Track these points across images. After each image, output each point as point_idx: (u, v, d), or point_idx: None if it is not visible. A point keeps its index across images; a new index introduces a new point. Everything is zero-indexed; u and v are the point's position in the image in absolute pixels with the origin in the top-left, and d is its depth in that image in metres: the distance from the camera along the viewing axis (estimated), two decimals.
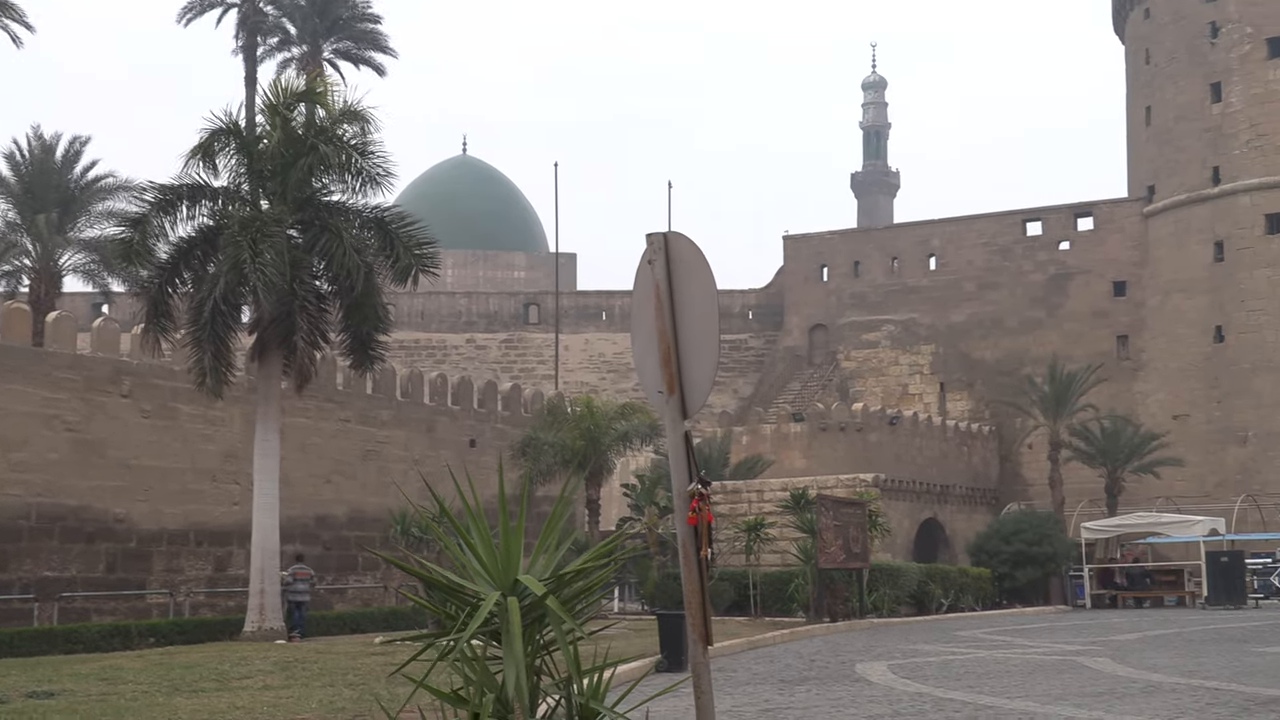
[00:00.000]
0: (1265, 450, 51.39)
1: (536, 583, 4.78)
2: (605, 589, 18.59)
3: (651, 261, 5.89)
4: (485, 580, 4.86)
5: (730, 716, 14.89)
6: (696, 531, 5.70)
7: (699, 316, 5.81)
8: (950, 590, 38.00)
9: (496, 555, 4.86)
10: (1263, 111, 53.26)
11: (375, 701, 11.84)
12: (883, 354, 63.43)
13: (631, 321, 6.09)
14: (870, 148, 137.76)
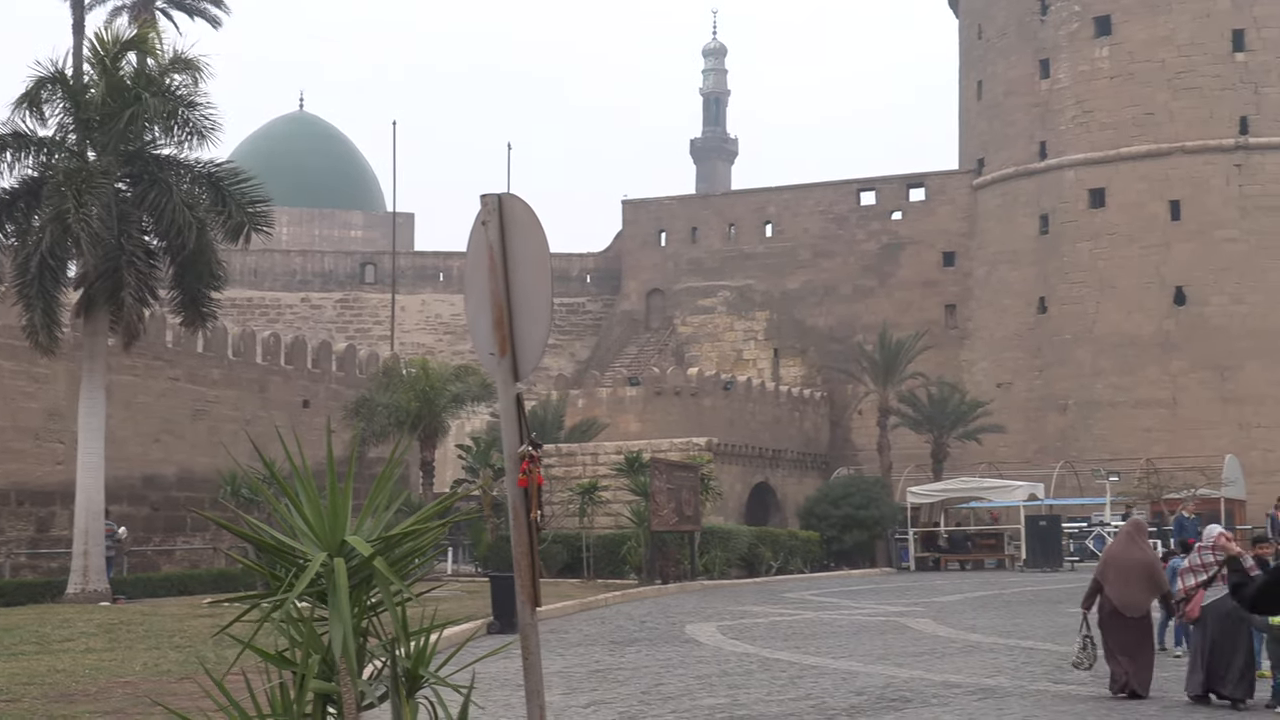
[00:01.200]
0: (1083, 418, 53.21)
1: (363, 543, 4.75)
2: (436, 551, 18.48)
3: (485, 223, 5.86)
4: (312, 541, 4.82)
5: (561, 678, 14.97)
6: (527, 494, 5.71)
7: (532, 279, 5.80)
8: (780, 553, 38.66)
9: (324, 516, 4.82)
10: (1089, 89, 54.87)
11: (200, 664, 11.62)
12: (718, 319, 64.06)
13: (465, 283, 6.06)
14: (710, 114, 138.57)
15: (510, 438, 5.75)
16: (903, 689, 13.85)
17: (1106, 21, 54.62)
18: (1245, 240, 51.69)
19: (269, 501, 5.13)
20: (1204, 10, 52.76)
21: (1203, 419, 50.92)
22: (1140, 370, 52.22)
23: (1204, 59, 52.73)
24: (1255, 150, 52.03)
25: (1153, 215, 52.83)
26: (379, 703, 4.88)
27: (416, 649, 5.01)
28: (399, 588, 4.85)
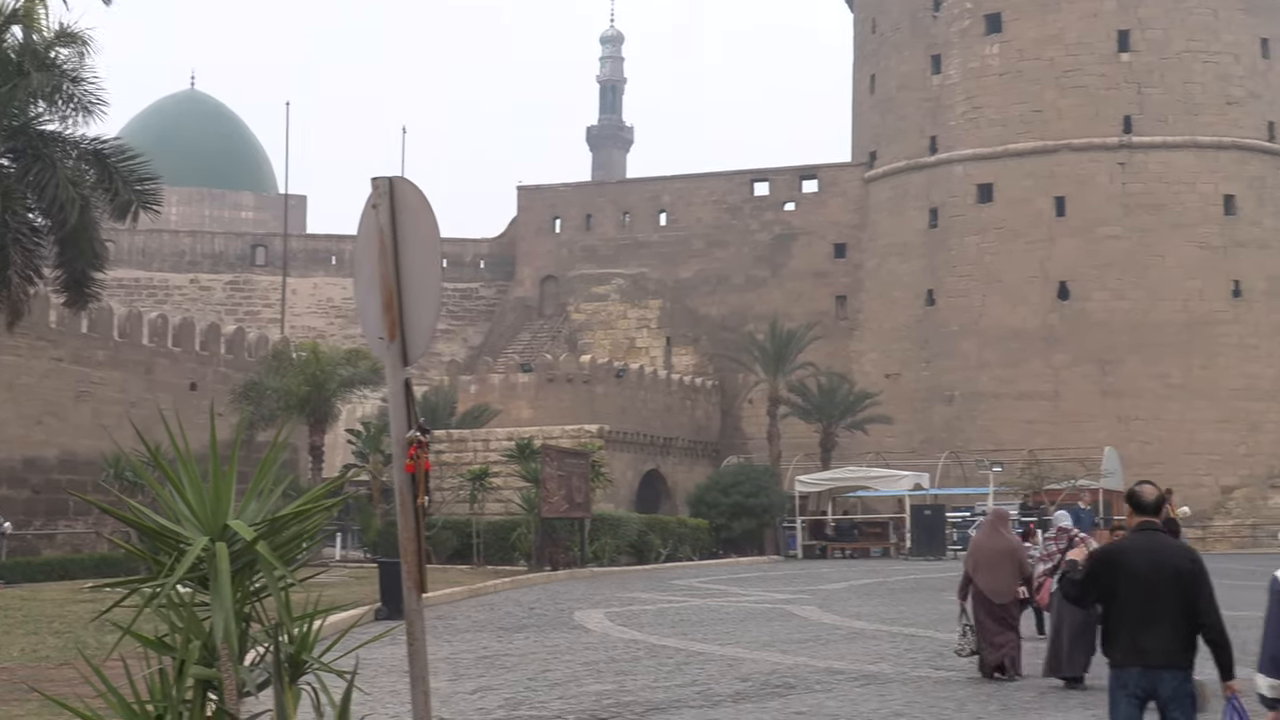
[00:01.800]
0: (969, 409, 54.09)
1: (245, 528, 4.71)
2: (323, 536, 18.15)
3: (376, 206, 5.83)
4: (194, 525, 4.77)
5: (448, 664, 14.95)
6: (414, 479, 5.70)
7: (422, 263, 5.78)
8: (669, 540, 38.86)
9: (205, 500, 4.77)
10: (978, 85, 55.69)
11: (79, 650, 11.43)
12: (612, 307, 64.11)
13: (354, 266, 6.03)
14: (606, 102, 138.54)
15: (398, 423, 5.73)
16: (787, 675, 14.03)
17: (997, 19, 55.46)
18: (1127, 237, 52.85)
19: (152, 485, 5.07)
20: (1091, 10, 53.82)
21: (1083, 411, 52.01)
22: (1024, 363, 53.22)
23: (1091, 58, 53.80)
24: (1138, 149, 53.20)
25: (1038, 211, 53.83)
26: (258, 690, 4.85)
27: (300, 635, 4.98)
28: (282, 573, 4.82)
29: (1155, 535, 7.23)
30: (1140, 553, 7.12)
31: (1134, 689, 7.01)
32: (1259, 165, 54.18)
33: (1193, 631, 6.98)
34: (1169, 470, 47.94)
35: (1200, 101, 53.47)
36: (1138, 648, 7.02)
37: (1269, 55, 55.08)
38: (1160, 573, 7.02)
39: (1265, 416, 52.50)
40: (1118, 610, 7.12)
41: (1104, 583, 7.17)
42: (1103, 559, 7.35)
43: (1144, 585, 7.02)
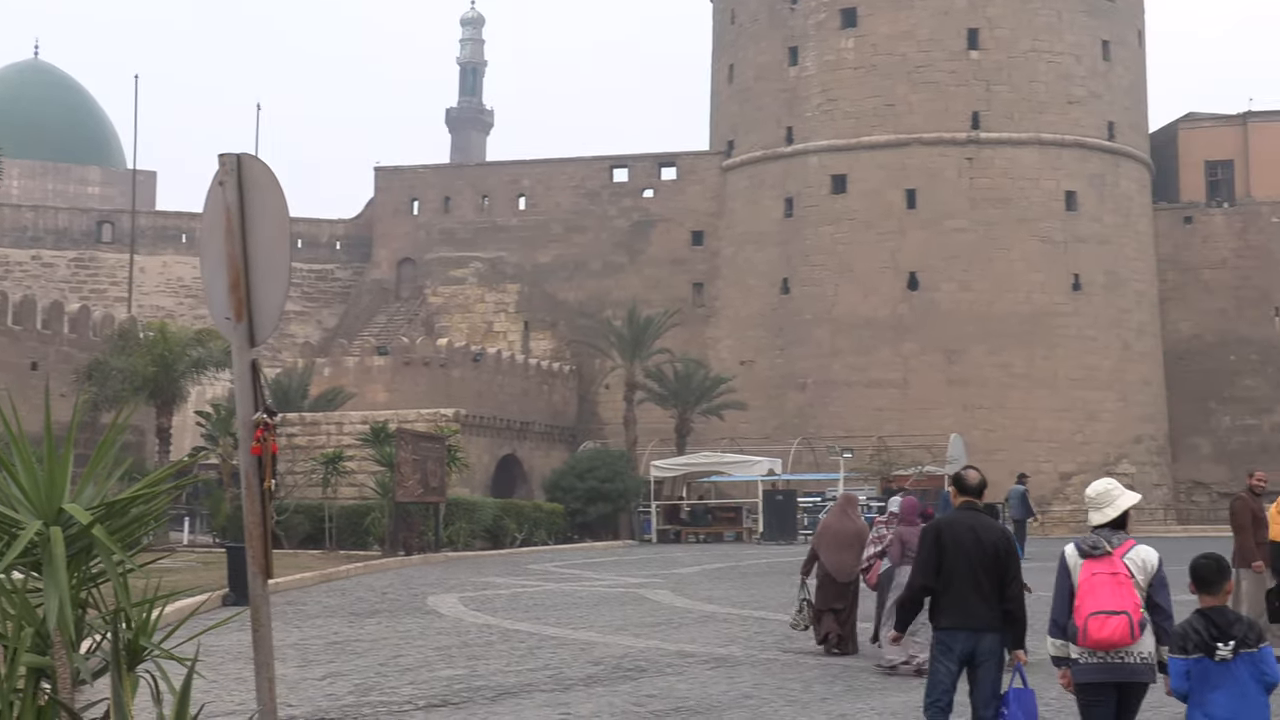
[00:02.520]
0: (821, 396, 54.89)
1: (81, 511, 4.60)
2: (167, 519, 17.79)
3: (223, 183, 5.74)
4: (27, 509, 4.64)
5: (297, 650, 14.77)
6: (261, 462, 5.62)
7: (270, 242, 5.70)
8: (525, 525, 38.82)
9: (40, 483, 4.65)
10: (834, 78, 56.44)
11: None
12: (470, 291, 63.75)
13: (200, 244, 5.93)
14: (466, 84, 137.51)
15: (245, 405, 5.65)
16: (639, 659, 14.13)
17: (853, 14, 56.25)
18: (974, 230, 54.07)
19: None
20: (943, 8, 54.88)
21: (930, 399, 53.14)
22: (874, 351, 54.17)
23: (941, 55, 54.88)
24: (985, 145, 54.45)
25: (890, 203, 54.80)
26: (94, 679, 4.74)
27: (140, 621, 4.88)
28: (120, 557, 4.72)
29: (977, 514, 8.17)
30: (965, 528, 8.00)
31: (959, 651, 7.88)
32: (1099, 163, 55.82)
33: (1005, 595, 7.89)
34: (1010, 457, 49.28)
35: (1044, 100, 54.91)
36: (965, 612, 7.87)
37: (1109, 57, 56.75)
38: (982, 547, 7.91)
39: (1102, 406, 54.17)
40: (945, 579, 7.92)
41: (937, 555, 7.97)
42: (934, 533, 8.09)
43: (969, 557, 7.87)
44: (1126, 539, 7.25)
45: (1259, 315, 58.72)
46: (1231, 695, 6.26)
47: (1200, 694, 6.33)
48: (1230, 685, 6.27)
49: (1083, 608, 6.92)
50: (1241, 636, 6.34)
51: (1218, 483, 58.16)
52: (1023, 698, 7.72)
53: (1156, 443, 56.45)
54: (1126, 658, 6.88)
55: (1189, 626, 6.48)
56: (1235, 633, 6.35)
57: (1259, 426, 58.20)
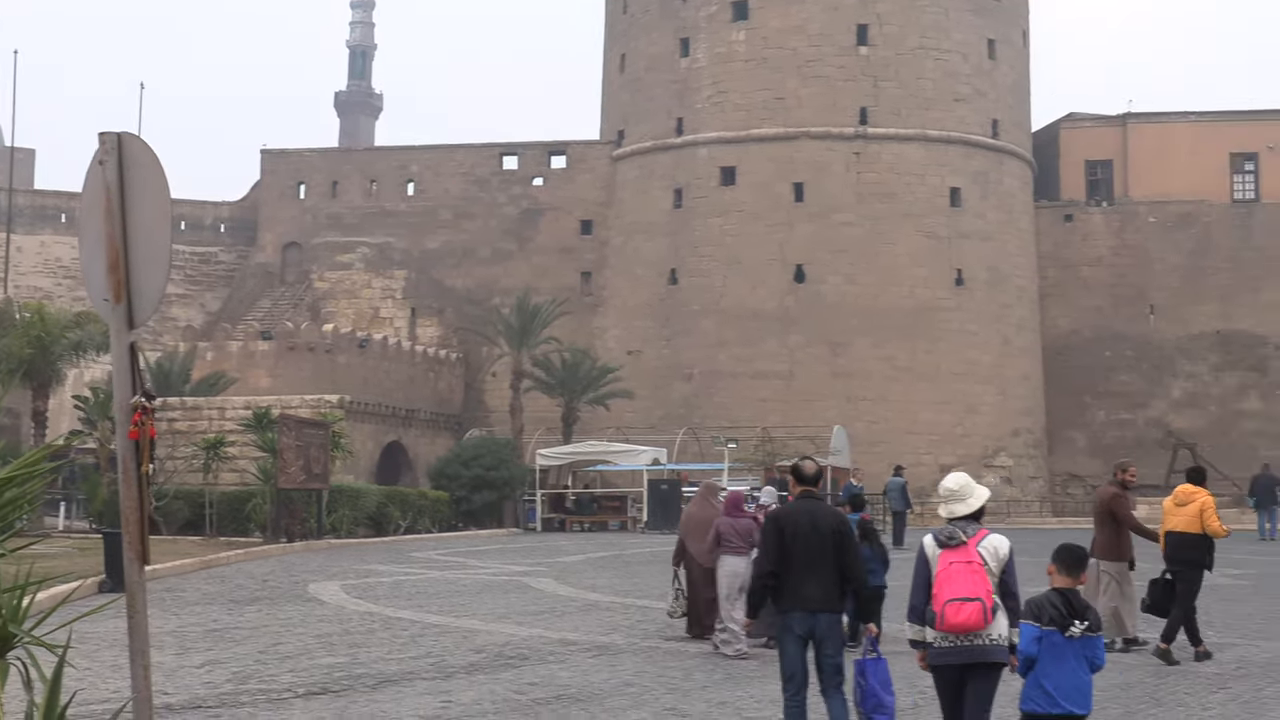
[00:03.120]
0: (707, 387, 55.24)
1: None
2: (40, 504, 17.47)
3: (103, 162, 5.66)
4: None
5: (175, 637, 14.57)
6: (138, 446, 5.56)
7: (150, 223, 5.64)
8: (409, 513, 38.58)
9: None
10: (725, 70, 56.75)
11: None
12: (356, 276, 63.14)
13: (79, 224, 5.84)
14: (356, 67, 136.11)
15: (122, 388, 5.58)
16: (521, 647, 14.16)
17: (744, 7, 56.58)
18: (860, 225, 54.73)
19: None
20: (833, 4, 55.43)
21: (815, 391, 53.72)
22: (761, 343, 54.62)
23: (831, 50, 55.43)
24: (873, 140, 55.12)
25: (778, 196, 55.24)
26: None
27: (10, 607, 4.80)
28: None
29: (815, 502, 8.82)
30: (803, 515, 8.60)
31: (799, 630, 8.47)
32: (983, 160, 56.81)
33: (843, 581, 8.54)
34: (891, 449, 50.06)
35: (931, 97, 55.71)
36: (801, 595, 8.46)
37: (994, 56, 57.76)
38: (819, 532, 8.51)
39: (982, 399, 55.19)
40: (785, 565, 8.50)
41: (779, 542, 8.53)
42: (775, 522, 8.70)
43: (806, 542, 8.47)
44: (980, 529, 7.81)
45: (1134, 313, 60.22)
46: (1071, 670, 6.93)
47: (1045, 665, 6.93)
48: (1071, 661, 6.92)
49: (940, 595, 7.46)
50: (1092, 621, 7.03)
51: (1092, 476, 59.47)
52: (876, 667, 8.37)
53: (1034, 436, 57.65)
54: (979, 640, 7.35)
55: (1047, 600, 7.04)
56: (1088, 616, 7.02)
57: (1133, 421, 59.69)
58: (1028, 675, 7.03)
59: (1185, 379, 59.98)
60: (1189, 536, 13.95)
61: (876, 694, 8.35)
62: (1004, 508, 53.51)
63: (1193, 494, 14.15)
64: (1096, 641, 7.07)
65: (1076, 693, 6.93)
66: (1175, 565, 13.97)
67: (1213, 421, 59.24)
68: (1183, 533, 14.01)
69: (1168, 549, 14.12)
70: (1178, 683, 12.32)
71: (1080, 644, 6.97)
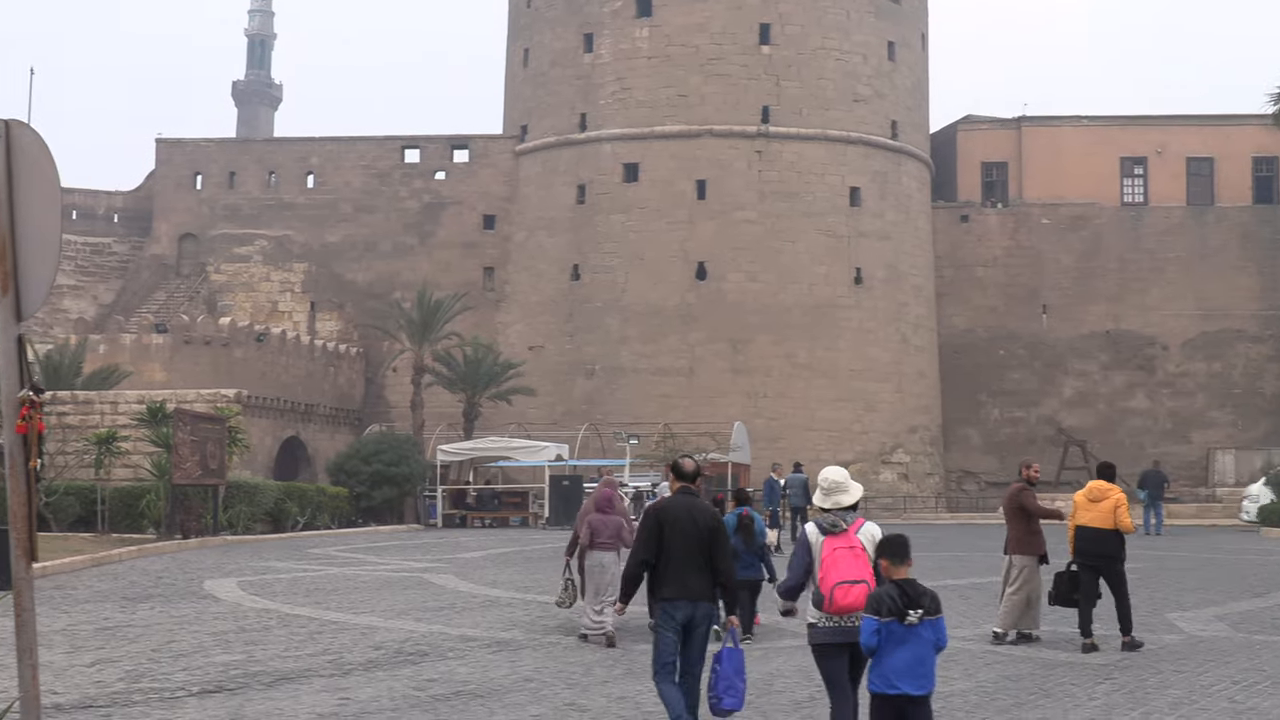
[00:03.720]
0: (609, 383, 55.31)
1: None
2: None
3: None
4: None
5: (65, 636, 14.32)
6: (26, 441, 5.47)
7: (40, 212, 5.54)
8: (307, 508, 38.23)
9: None
10: (628, 66, 56.82)
11: None
12: (254, 269, 62.33)
13: None
14: (255, 57, 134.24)
15: (10, 382, 5.48)
16: (421, 643, 14.11)
17: (648, 3, 56.66)
18: (761, 223, 55.10)
19: None
20: (736, 3, 55.70)
21: (716, 387, 54.02)
22: (662, 339, 54.80)
23: (734, 48, 55.73)
24: (775, 139, 55.50)
25: (681, 193, 55.44)
26: None
27: None
28: None
29: (692, 498, 9.32)
30: (682, 509, 9.10)
31: (680, 618, 8.97)
32: (882, 161, 57.45)
33: (717, 570, 9.07)
34: (791, 445, 50.50)
35: (831, 97, 56.22)
36: (684, 585, 8.96)
37: (894, 58, 58.43)
38: (697, 527, 9.03)
39: (879, 397, 55.84)
40: (665, 556, 9.00)
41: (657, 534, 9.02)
42: (654, 515, 9.17)
43: (685, 536, 8.99)
44: (858, 517, 8.44)
45: (1028, 312, 61.31)
46: (913, 652, 7.48)
47: (886, 650, 7.49)
48: (914, 644, 7.47)
49: (828, 578, 8.10)
50: (928, 606, 7.52)
51: (986, 472, 60.59)
52: (733, 656, 8.80)
53: (930, 433, 58.45)
54: (860, 620, 7.81)
55: (885, 594, 7.57)
56: (924, 603, 7.51)
57: (1026, 419, 60.79)
58: (870, 661, 7.62)
59: (1076, 377, 61.20)
60: (1103, 532, 14.35)
61: (729, 678, 8.76)
62: (900, 503, 54.26)
63: (1106, 490, 14.52)
64: (938, 624, 7.58)
65: (913, 674, 7.47)
66: (1090, 559, 14.36)
67: (1101, 419, 60.53)
68: (1097, 528, 14.38)
69: (1080, 543, 14.51)
70: (1065, 674, 12.59)
71: (925, 627, 7.50)
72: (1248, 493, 42.62)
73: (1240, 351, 61.13)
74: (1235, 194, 61.87)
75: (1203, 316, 61.08)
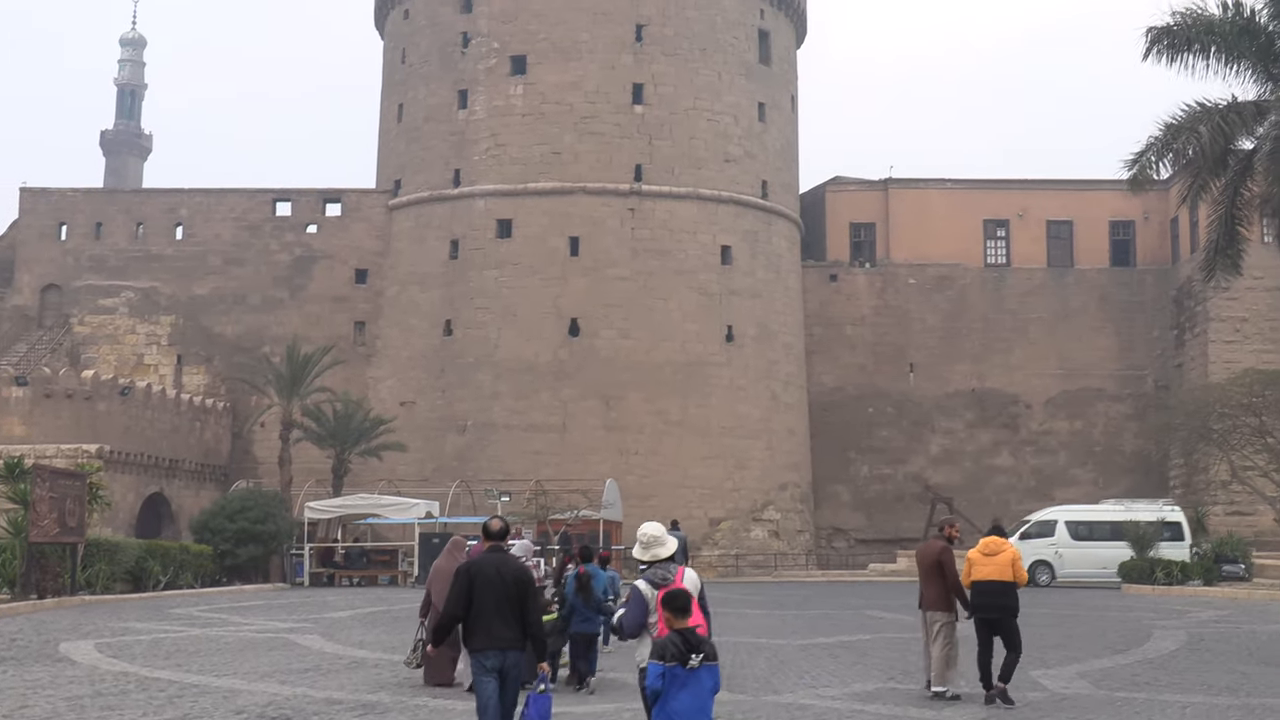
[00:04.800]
0: (480, 439, 55.11)
1: None
2: None
3: None
4: None
5: None
6: None
7: None
8: (170, 567, 37.46)
9: None
10: (502, 123, 57.07)
11: None
12: (120, 321, 61.16)
13: None
14: (124, 107, 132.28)
15: None
16: (285, 706, 13.96)
17: (522, 61, 57.08)
18: (634, 279, 55.51)
19: None
20: (610, 62, 56.39)
21: (588, 444, 54.12)
22: (535, 395, 54.80)
23: (607, 107, 56.31)
24: (647, 197, 56.06)
25: (554, 249, 55.66)
26: None
27: None
28: None
29: (502, 555, 10.15)
30: (490, 566, 9.98)
31: (491, 666, 9.77)
32: (753, 220, 58.32)
33: (524, 624, 9.91)
34: (663, 503, 50.75)
35: (703, 157, 57.04)
36: (492, 635, 9.80)
37: (764, 119, 59.49)
38: (505, 581, 9.90)
39: (750, 454, 56.37)
40: (477, 609, 9.86)
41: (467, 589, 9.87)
42: (465, 571, 10.02)
43: (494, 590, 9.85)
44: (679, 567, 9.52)
45: (895, 371, 62.51)
46: (693, 695, 8.39)
47: (670, 694, 8.36)
48: (694, 687, 8.39)
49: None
50: (708, 652, 8.45)
51: (856, 529, 61.46)
52: (540, 702, 9.53)
53: (801, 490, 59.10)
54: None
55: (669, 642, 8.50)
56: (704, 649, 8.44)
57: (894, 476, 61.83)
58: (655, 704, 8.50)
59: (943, 435, 62.45)
60: (1001, 584, 14.93)
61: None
62: (771, 561, 54.72)
63: (1001, 545, 15.12)
64: (714, 670, 8.52)
65: (694, 714, 8.38)
66: (989, 612, 14.86)
67: (967, 476, 61.80)
68: (995, 581, 14.93)
69: (978, 597, 14.96)
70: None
71: (704, 672, 8.42)
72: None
73: (1100, 410, 62.89)
74: (1093, 256, 63.87)
75: (1064, 376, 62.80)
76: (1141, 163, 27.67)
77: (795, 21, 63.00)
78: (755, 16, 59.59)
